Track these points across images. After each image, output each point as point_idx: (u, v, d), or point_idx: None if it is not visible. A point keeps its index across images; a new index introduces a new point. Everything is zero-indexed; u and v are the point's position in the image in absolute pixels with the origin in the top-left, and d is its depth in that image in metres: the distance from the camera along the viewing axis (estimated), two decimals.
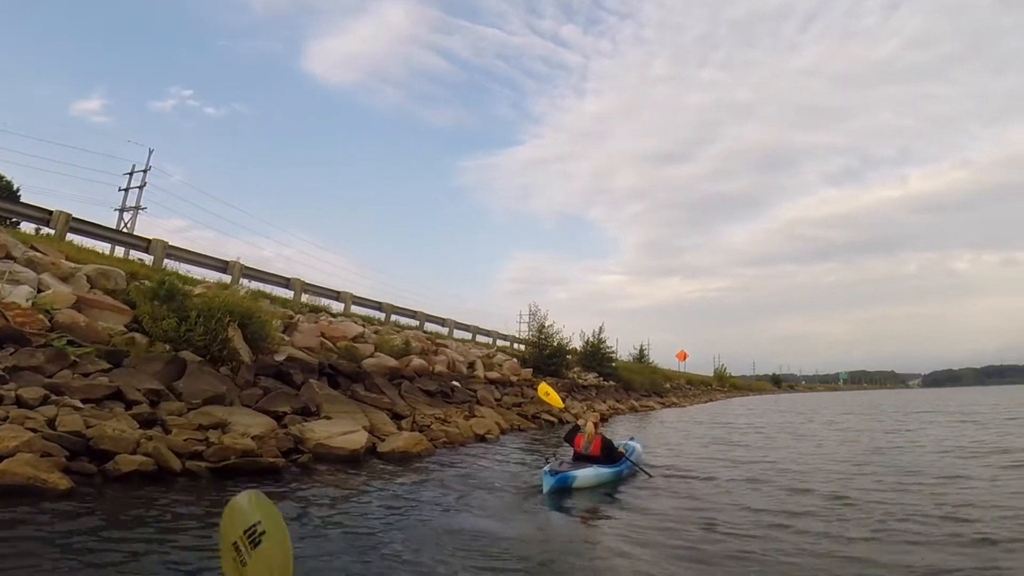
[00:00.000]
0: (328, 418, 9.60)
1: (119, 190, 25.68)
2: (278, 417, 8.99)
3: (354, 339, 15.53)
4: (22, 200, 15.91)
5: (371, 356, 14.73)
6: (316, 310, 17.79)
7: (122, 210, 25.34)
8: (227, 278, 16.37)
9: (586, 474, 7.91)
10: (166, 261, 15.43)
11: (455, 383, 16.36)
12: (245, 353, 10.81)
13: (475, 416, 13.84)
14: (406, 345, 16.75)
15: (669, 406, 36.22)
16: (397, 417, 11.70)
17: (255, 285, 17.33)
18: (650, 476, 8.68)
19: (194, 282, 14.18)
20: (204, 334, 9.90)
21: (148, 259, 15.33)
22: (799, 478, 8.62)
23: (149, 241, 15.76)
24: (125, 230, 21.45)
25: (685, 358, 64.50)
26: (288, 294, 18.26)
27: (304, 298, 18.49)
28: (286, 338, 13.35)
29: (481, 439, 12.35)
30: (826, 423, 20.91)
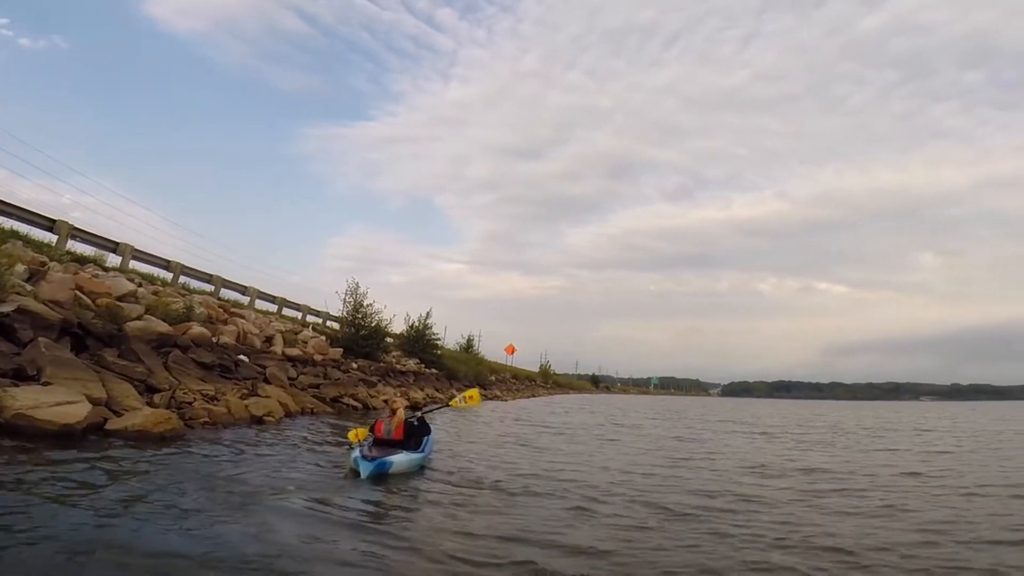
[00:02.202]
0: (49, 384, 7.87)
1: None
2: None
3: (122, 297, 13.36)
4: None
5: (139, 319, 12.71)
6: (83, 261, 15.18)
7: None
8: None
9: (401, 460, 7.87)
10: None
11: (242, 357, 14.70)
12: None
13: (257, 395, 12.42)
14: (188, 310, 14.77)
15: (492, 399, 36.42)
16: (153, 390, 10.07)
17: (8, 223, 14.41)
18: (447, 404, 9.82)
19: None
20: None
21: None
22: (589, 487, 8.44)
23: None
24: None
25: (513, 352, 65.94)
26: (54, 239, 15.43)
27: (72, 246, 15.72)
28: (27, 287, 11.05)
29: (258, 421, 11.04)
30: (634, 428, 21.71)
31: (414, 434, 8.87)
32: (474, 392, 10.71)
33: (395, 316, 27.62)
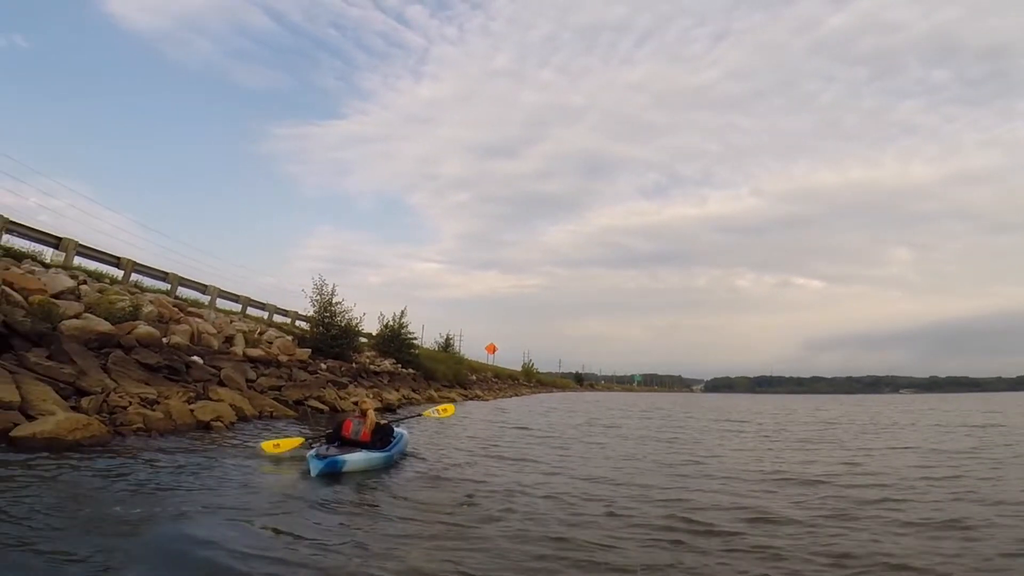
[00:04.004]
0: None
1: None
2: None
3: (59, 295, 12.25)
4: None
5: (76, 317, 11.63)
6: (19, 256, 13.99)
7: None
8: None
9: (356, 458, 7.64)
10: None
11: (195, 358, 13.62)
12: None
13: (208, 399, 11.39)
14: (135, 309, 13.67)
15: (472, 399, 35.53)
16: (83, 394, 9.02)
17: None
18: (420, 415, 9.81)
19: None
20: None
21: None
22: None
23: None
24: None
25: (495, 351, 65.03)
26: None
27: (9, 240, 14.51)
28: None
29: (204, 427, 10.01)
30: (614, 429, 20.75)
31: (384, 437, 8.62)
32: (449, 406, 10.34)
33: (365, 315, 26.50)
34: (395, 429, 9.46)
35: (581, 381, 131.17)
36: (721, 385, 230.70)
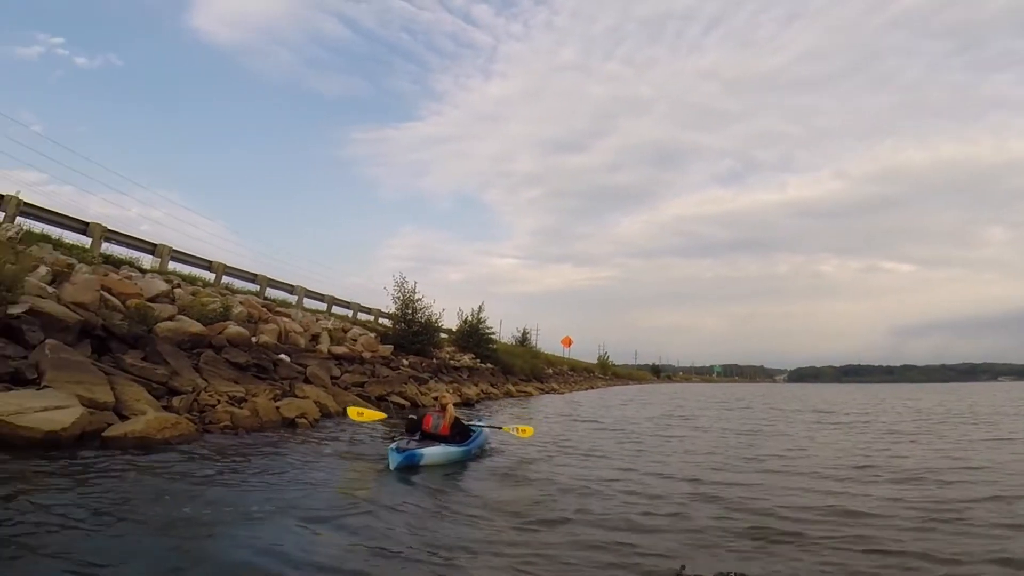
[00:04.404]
0: (47, 388, 7.05)
1: None
2: None
3: (154, 298, 12.70)
4: None
5: (170, 319, 12.01)
6: (117, 263, 14.66)
7: None
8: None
9: (434, 452, 7.78)
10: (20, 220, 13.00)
11: (282, 356, 13.87)
12: None
13: (293, 396, 11.50)
14: (225, 310, 14.06)
15: (549, 392, 35.26)
16: (174, 393, 9.23)
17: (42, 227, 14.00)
18: (499, 428, 9.43)
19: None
20: None
21: None
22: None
23: (1, 197, 13.03)
24: None
25: (570, 344, 64.28)
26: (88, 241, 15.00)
27: (106, 248, 15.23)
28: (48, 289, 10.43)
29: (290, 424, 10.06)
30: (691, 421, 19.83)
31: (463, 431, 8.72)
32: (529, 428, 10.02)
33: (444, 311, 26.65)
34: (478, 425, 9.74)
35: (658, 373, 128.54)
36: (805, 375, 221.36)
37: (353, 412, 9.62)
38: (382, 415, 10.07)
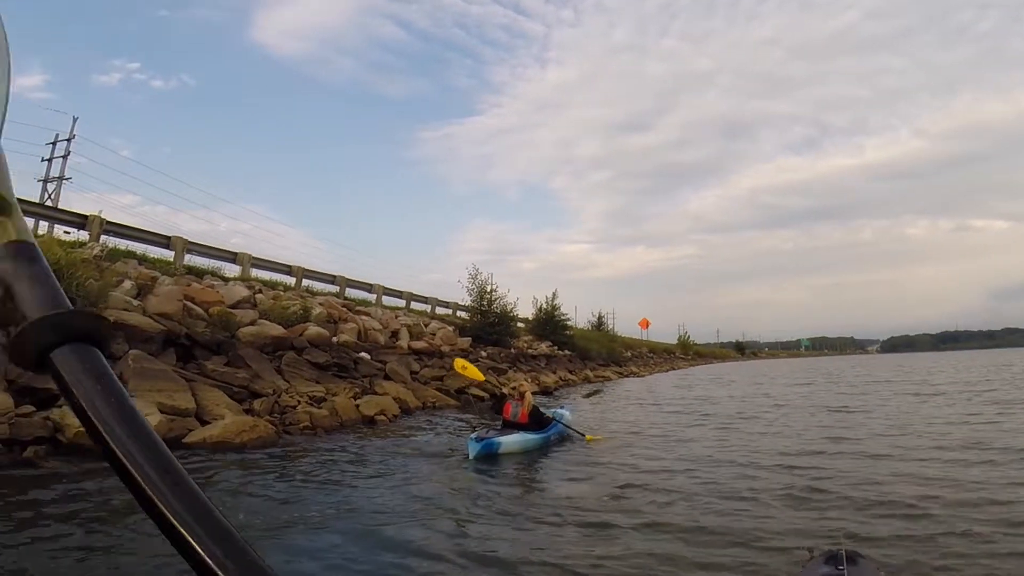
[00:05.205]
0: (132, 397, 7.14)
1: (41, 160, 23.11)
2: (47, 396, 6.51)
3: (236, 304, 12.95)
4: None
5: (252, 324, 12.19)
6: (200, 273, 15.09)
7: (45, 180, 23.08)
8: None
9: (511, 440, 7.95)
10: (104, 238, 13.69)
11: (362, 354, 13.91)
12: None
13: (374, 393, 11.46)
14: (305, 311, 14.22)
15: (628, 375, 34.60)
16: (255, 396, 9.28)
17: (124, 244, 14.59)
18: (581, 436, 8.89)
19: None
20: None
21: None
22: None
23: (85, 217, 13.80)
24: (50, 203, 19.26)
25: (648, 326, 63.14)
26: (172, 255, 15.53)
27: (189, 260, 15.73)
28: (134, 302, 10.75)
29: (369, 421, 9.98)
30: (779, 400, 18.53)
31: (541, 420, 8.84)
32: (600, 437, 9.58)
33: (519, 299, 26.52)
34: (558, 411, 10.12)
35: (742, 350, 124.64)
36: (899, 344, 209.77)
37: (459, 364, 10.45)
38: (481, 376, 10.72)
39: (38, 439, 5.80)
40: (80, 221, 13.91)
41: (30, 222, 13.60)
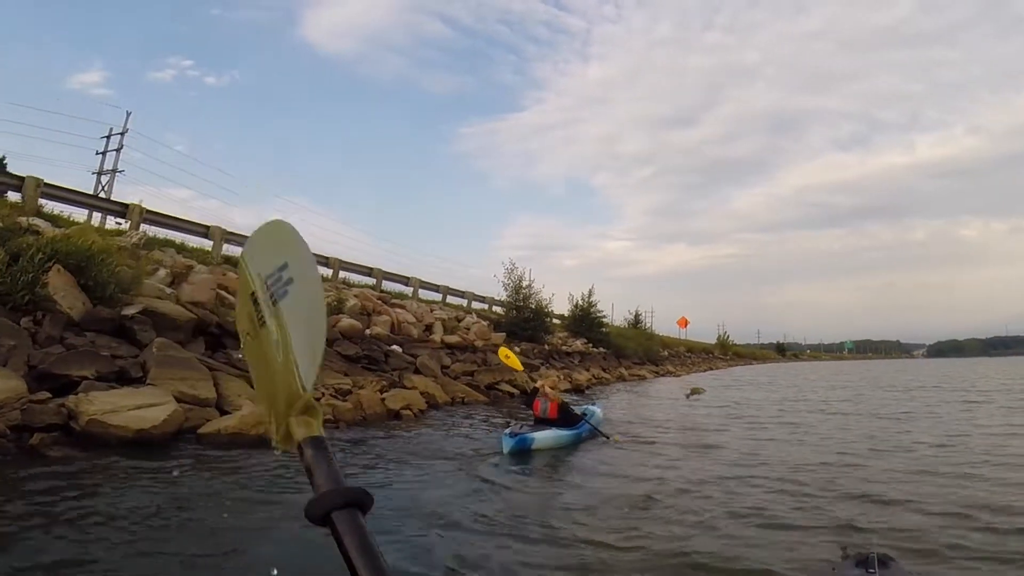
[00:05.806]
0: (151, 385, 7.07)
1: (96, 153, 23.56)
2: (67, 383, 6.47)
3: None
4: (8, 170, 13.37)
5: None
6: (235, 263, 15.15)
7: (99, 173, 23.53)
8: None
9: (545, 436, 8.03)
10: (145, 227, 14.01)
11: (394, 347, 13.79)
12: (70, 302, 8.25)
13: (402, 387, 11.29)
14: (339, 303, 14.18)
15: (664, 375, 33.90)
16: None
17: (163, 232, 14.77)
18: (608, 439, 8.71)
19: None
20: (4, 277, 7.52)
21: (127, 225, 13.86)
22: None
23: (126, 206, 14.15)
24: (103, 195, 19.82)
25: (686, 325, 61.95)
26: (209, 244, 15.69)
27: (227, 250, 15.84)
28: (166, 290, 10.78)
29: (394, 415, 9.78)
30: (821, 404, 17.60)
31: (571, 415, 8.86)
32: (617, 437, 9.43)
33: (554, 295, 26.26)
34: (589, 407, 10.31)
35: (783, 351, 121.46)
36: (947, 349, 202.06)
37: (502, 353, 10.55)
38: (521, 367, 10.63)
39: (50, 426, 5.70)
40: (121, 210, 14.15)
41: (80, 212, 13.98)
